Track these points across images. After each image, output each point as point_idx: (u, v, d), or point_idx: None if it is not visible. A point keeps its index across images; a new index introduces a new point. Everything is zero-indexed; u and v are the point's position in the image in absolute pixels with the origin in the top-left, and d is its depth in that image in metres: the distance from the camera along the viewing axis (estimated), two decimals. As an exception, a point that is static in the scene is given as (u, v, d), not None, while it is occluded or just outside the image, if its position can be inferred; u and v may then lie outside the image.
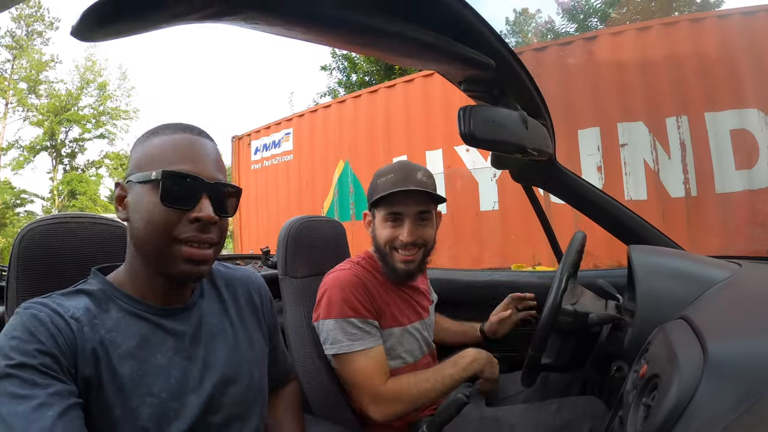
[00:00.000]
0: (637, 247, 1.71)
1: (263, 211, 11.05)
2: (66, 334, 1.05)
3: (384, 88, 8.76)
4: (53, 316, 1.06)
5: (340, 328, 1.84)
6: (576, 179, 2.16)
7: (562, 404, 1.89)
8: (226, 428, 1.26)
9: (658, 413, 0.87)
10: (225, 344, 1.32)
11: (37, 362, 0.98)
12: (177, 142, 1.22)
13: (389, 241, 1.96)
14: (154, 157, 1.19)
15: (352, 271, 1.95)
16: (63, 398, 0.97)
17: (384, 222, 1.97)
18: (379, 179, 1.97)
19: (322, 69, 21.68)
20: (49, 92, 33.81)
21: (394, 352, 1.97)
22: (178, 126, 1.25)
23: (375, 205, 1.97)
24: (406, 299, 2.08)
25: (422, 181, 1.91)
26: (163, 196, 1.14)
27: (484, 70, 1.38)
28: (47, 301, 1.11)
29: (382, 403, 1.82)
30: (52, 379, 0.98)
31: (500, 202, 7.07)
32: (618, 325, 1.69)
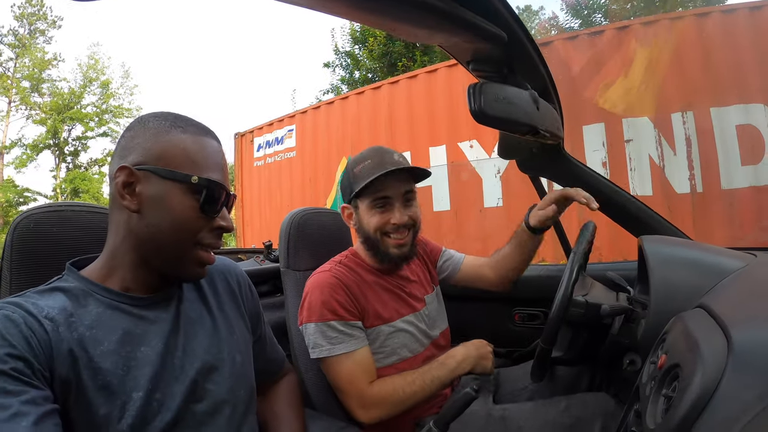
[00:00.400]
0: (649, 238, 1.68)
1: (266, 208, 11.05)
2: (40, 335, 1.01)
3: (387, 85, 8.75)
4: (27, 317, 1.02)
5: (320, 332, 1.82)
6: (585, 169, 2.14)
7: (570, 402, 1.85)
8: (211, 417, 1.23)
9: (681, 403, 0.84)
10: (204, 331, 1.30)
11: (9, 367, 0.94)
12: (207, 146, 1.23)
13: (380, 227, 1.93)
14: (189, 157, 1.19)
15: (332, 272, 1.92)
16: (38, 405, 0.94)
17: (371, 209, 1.94)
18: (355, 168, 1.93)
19: (325, 66, 21.72)
20: (51, 90, 34.17)
21: (387, 350, 1.94)
22: (201, 127, 1.26)
23: (358, 195, 1.93)
24: (394, 293, 2.04)
25: (400, 161, 1.89)
26: (204, 204, 1.18)
27: (495, 43, 1.35)
28: (21, 301, 1.07)
29: (367, 407, 1.80)
30: (25, 385, 0.95)
31: (504, 199, 7.03)
32: (630, 317, 1.66)
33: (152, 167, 1.14)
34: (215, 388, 1.25)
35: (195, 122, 1.25)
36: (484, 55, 1.47)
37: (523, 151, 2.18)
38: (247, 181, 11.72)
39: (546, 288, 2.34)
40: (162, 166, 1.15)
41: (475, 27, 1.26)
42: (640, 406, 1.11)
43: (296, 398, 1.65)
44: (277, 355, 1.69)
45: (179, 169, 1.15)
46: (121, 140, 1.21)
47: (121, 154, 1.18)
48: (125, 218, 1.18)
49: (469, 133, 7.35)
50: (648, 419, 0.98)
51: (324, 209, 2.40)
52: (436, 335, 2.12)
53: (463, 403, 1.37)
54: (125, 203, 1.15)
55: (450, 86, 7.70)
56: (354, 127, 9.14)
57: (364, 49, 19.59)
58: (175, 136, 1.18)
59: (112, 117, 35.32)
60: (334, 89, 21.64)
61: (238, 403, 1.31)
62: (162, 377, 1.15)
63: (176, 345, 1.22)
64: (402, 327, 1.97)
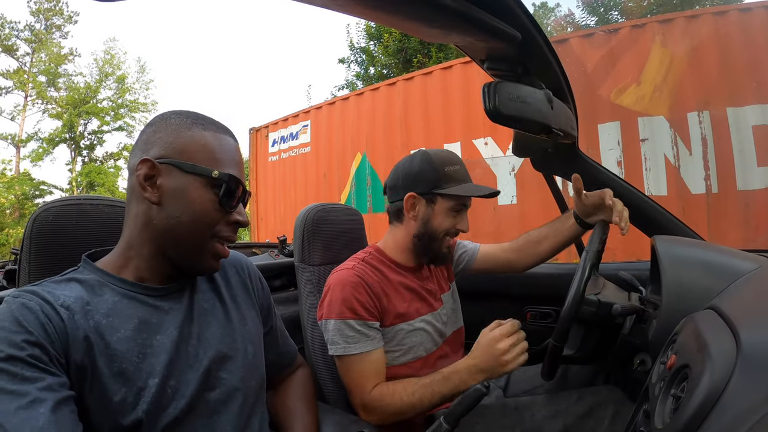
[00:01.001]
0: (662, 238, 1.68)
1: (280, 203, 11.07)
2: (56, 322, 1.04)
3: (402, 81, 8.71)
4: (43, 305, 1.05)
5: (338, 329, 1.83)
6: (599, 168, 2.14)
7: (582, 393, 1.86)
8: (224, 405, 1.26)
9: (689, 404, 0.84)
10: (217, 321, 1.34)
11: (26, 354, 0.96)
12: (226, 144, 1.28)
13: (448, 229, 1.97)
14: (210, 153, 1.23)
15: (355, 270, 1.92)
16: (54, 392, 0.96)
17: (449, 211, 1.96)
18: (446, 167, 1.95)
19: (340, 62, 21.68)
20: (68, 85, 34.36)
21: (404, 348, 1.96)
22: (220, 125, 1.30)
23: (442, 194, 1.94)
24: (416, 292, 2.05)
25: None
26: (222, 198, 1.23)
27: (509, 43, 1.36)
28: (38, 289, 1.10)
29: (369, 410, 1.81)
30: (42, 371, 0.97)
31: (519, 197, 7.00)
32: (642, 317, 1.66)
33: (174, 161, 1.18)
34: (228, 376, 1.28)
35: (214, 121, 1.29)
36: (499, 54, 1.49)
37: (537, 149, 2.18)
38: (261, 176, 11.75)
39: (557, 286, 2.33)
40: (184, 160, 1.18)
41: (489, 27, 1.27)
42: (649, 405, 1.11)
43: (309, 392, 1.66)
44: (289, 348, 1.71)
45: (200, 163, 1.19)
46: (142, 135, 1.25)
47: (143, 147, 1.21)
48: (144, 209, 1.20)
49: (484, 131, 7.31)
50: (656, 419, 0.98)
51: (339, 205, 2.42)
52: (449, 333, 2.13)
53: (473, 399, 1.37)
54: (146, 195, 1.18)
55: (465, 83, 7.66)
56: (369, 123, 9.12)
57: (379, 45, 19.55)
58: (197, 132, 1.22)
59: (128, 111, 35.50)
60: (349, 85, 21.60)
61: (249, 392, 1.33)
62: (177, 365, 1.18)
63: (190, 334, 1.25)
64: (420, 326, 1.99)
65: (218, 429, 1.23)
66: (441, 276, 2.24)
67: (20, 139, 32.82)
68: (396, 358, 1.95)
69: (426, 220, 1.98)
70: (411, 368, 1.95)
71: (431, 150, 2.02)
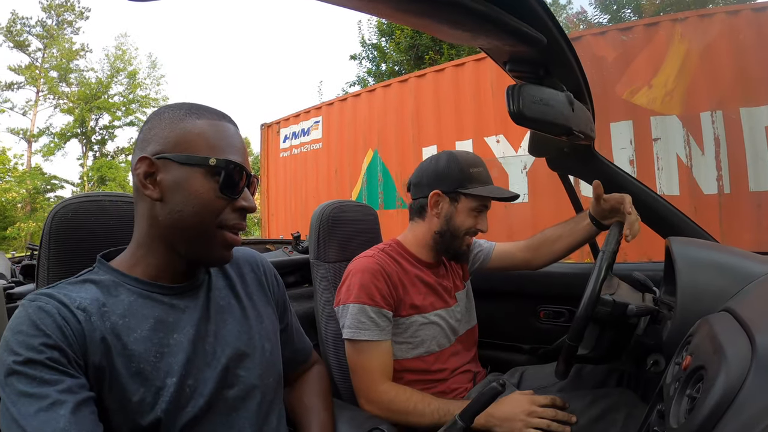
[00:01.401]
0: (676, 239, 1.68)
1: (291, 199, 11.07)
2: (73, 325, 1.05)
3: (414, 78, 8.69)
4: (60, 308, 1.06)
5: (352, 313, 1.87)
6: (614, 169, 2.14)
7: (596, 395, 1.87)
8: (243, 402, 1.27)
9: (704, 405, 0.85)
10: (234, 319, 1.34)
11: (44, 357, 0.98)
12: (223, 130, 1.24)
13: (469, 228, 2.02)
14: (206, 142, 1.20)
15: (375, 258, 1.97)
16: (74, 394, 0.98)
17: (471, 211, 2.01)
18: (471, 168, 2.01)
19: (352, 58, 21.60)
20: (79, 80, 34.63)
21: (417, 340, 1.98)
22: (216, 112, 1.28)
23: (466, 194, 2.00)
24: (432, 287, 2.08)
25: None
26: (222, 185, 1.19)
27: (534, 46, 1.36)
28: (53, 292, 1.11)
29: (372, 403, 1.84)
30: (61, 374, 0.99)
31: (530, 195, 6.99)
32: (656, 318, 1.66)
33: (170, 155, 1.17)
34: (246, 374, 1.29)
35: (210, 108, 1.28)
36: (522, 57, 1.49)
37: (553, 149, 2.19)
38: (272, 171, 11.75)
39: (571, 286, 2.34)
40: (179, 153, 1.17)
41: (516, 31, 1.27)
42: (663, 406, 1.11)
43: (324, 388, 1.67)
44: (304, 345, 1.71)
45: (197, 153, 1.18)
46: (140, 134, 1.25)
47: (141, 146, 1.21)
48: (149, 207, 1.20)
49: (496, 128, 7.29)
50: (671, 419, 0.98)
51: (354, 202, 2.44)
52: (462, 332, 2.15)
53: (489, 397, 1.37)
54: (147, 193, 1.18)
55: (477, 80, 7.64)
56: (380, 119, 9.11)
57: (390, 42, 19.47)
58: (191, 122, 1.21)
59: (139, 107, 35.68)
60: (361, 81, 21.52)
61: (267, 390, 1.34)
62: (194, 363, 1.19)
63: (207, 332, 1.26)
64: (434, 320, 2.01)
65: (237, 426, 1.24)
66: (456, 274, 2.26)
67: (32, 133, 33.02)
68: (408, 350, 1.98)
69: (449, 218, 2.02)
70: (425, 362, 1.98)
71: (457, 151, 2.08)
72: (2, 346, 1.00)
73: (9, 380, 0.95)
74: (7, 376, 0.96)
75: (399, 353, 1.97)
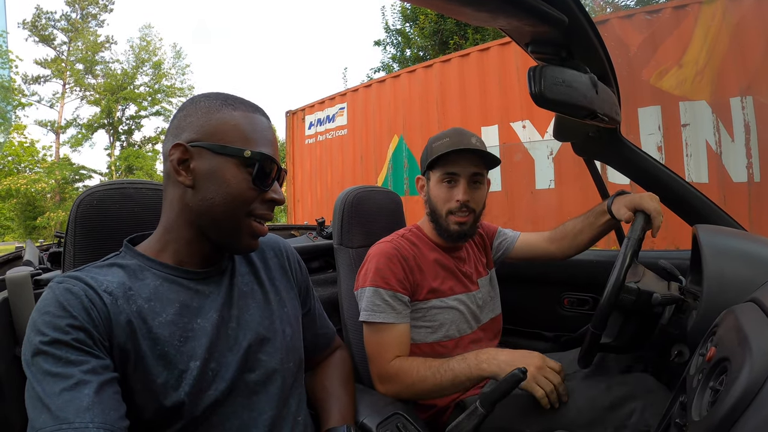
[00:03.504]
0: (704, 227, 1.65)
1: (317, 185, 11.14)
2: (99, 307, 1.06)
3: (439, 63, 8.68)
4: (87, 290, 1.07)
5: (368, 297, 1.88)
6: (641, 154, 2.10)
7: (611, 383, 1.84)
8: (264, 386, 1.28)
9: (727, 397, 0.83)
10: (256, 304, 1.35)
11: (70, 338, 0.99)
12: (258, 123, 1.27)
13: (445, 202, 2.00)
14: (240, 133, 1.22)
15: (393, 243, 1.98)
16: (98, 374, 0.99)
17: (439, 183, 2.00)
18: (434, 143, 2.01)
19: (376, 44, 21.64)
20: (105, 72, 35.30)
21: (435, 324, 1.98)
22: (250, 104, 1.29)
23: (430, 168, 2.01)
24: (451, 271, 2.07)
25: (476, 145, 1.94)
26: (255, 176, 1.21)
27: (556, 27, 1.35)
28: (81, 274, 1.12)
29: (384, 380, 1.84)
30: (86, 354, 1.00)
31: (556, 181, 6.93)
32: (681, 307, 1.64)
33: (206, 143, 1.18)
34: (267, 358, 1.30)
35: (244, 100, 1.29)
36: (544, 38, 1.47)
37: (579, 134, 2.16)
38: (298, 158, 11.83)
39: (596, 273, 2.32)
40: (215, 142, 1.19)
41: (537, 10, 1.26)
42: (686, 397, 1.09)
43: (346, 373, 1.67)
44: (327, 330, 1.72)
45: (232, 144, 1.19)
46: (173, 120, 1.26)
47: (175, 132, 1.23)
48: (180, 194, 1.22)
49: (522, 113, 7.27)
50: (693, 412, 0.97)
51: (377, 187, 2.43)
52: (485, 320, 2.14)
53: (510, 385, 1.37)
54: (180, 179, 1.19)
55: (503, 65, 7.61)
56: (405, 105, 9.12)
57: (414, 27, 19.47)
58: (227, 113, 1.22)
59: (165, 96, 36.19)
60: (385, 67, 21.57)
61: (287, 374, 1.35)
62: (217, 347, 1.20)
63: (230, 317, 1.27)
64: (453, 305, 2.00)
65: (257, 409, 1.25)
66: (479, 261, 2.25)
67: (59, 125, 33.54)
68: (427, 335, 1.98)
69: (428, 198, 2.07)
70: (445, 348, 1.97)
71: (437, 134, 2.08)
72: (30, 326, 1.02)
73: (35, 360, 0.97)
74: (33, 355, 0.97)
75: (418, 337, 1.97)
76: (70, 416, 0.91)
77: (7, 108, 6.96)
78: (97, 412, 0.93)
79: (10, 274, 1.56)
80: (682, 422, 1.04)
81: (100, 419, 0.93)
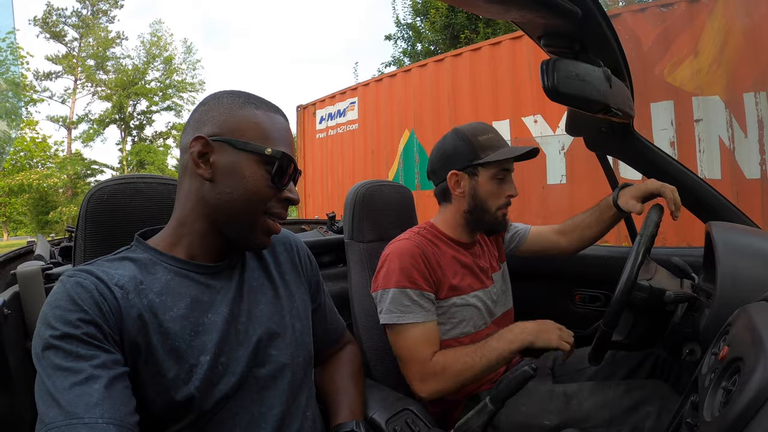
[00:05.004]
0: (717, 224, 1.64)
1: (328, 179, 11.15)
2: (110, 301, 1.06)
3: (450, 57, 8.64)
4: (98, 284, 1.08)
5: (394, 298, 1.85)
6: (654, 150, 2.09)
7: (630, 386, 1.85)
8: (273, 381, 1.28)
9: (740, 398, 0.82)
10: (266, 299, 1.36)
11: (81, 332, 0.99)
12: (278, 123, 1.29)
13: (497, 197, 2.01)
14: (262, 132, 1.24)
15: (413, 241, 1.95)
16: (108, 369, 0.99)
17: (493, 179, 1.99)
18: (479, 136, 1.99)
19: (387, 39, 21.66)
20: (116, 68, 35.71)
21: (454, 321, 1.97)
22: (271, 105, 1.32)
23: (482, 164, 1.98)
24: (469, 268, 2.06)
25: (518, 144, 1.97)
26: (275, 174, 1.23)
27: (569, 19, 1.34)
28: (92, 268, 1.13)
29: (426, 379, 1.82)
30: (97, 349, 1.00)
31: (568, 176, 6.90)
32: (694, 306, 1.63)
33: (228, 138, 1.20)
34: (277, 353, 1.30)
35: (266, 101, 1.31)
36: (557, 31, 1.48)
37: (591, 128, 2.14)
38: (309, 152, 11.84)
39: (608, 269, 2.32)
40: (237, 138, 1.20)
41: (550, 3, 1.25)
42: (697, 397, 1.08)
43: (356, 369, 1.68)
44: (337, 325, 1.72)
45: (252, 141, 1.21)
46: (194, 114, 1.27)
47: (196, 126, 1.24)
48: (197, 186, 1.22)
49: (533, 108, 7.22)
50: (705, 412, 0.96)
51: (389, 182, 2.44)
52: (499, 314, 2.14)
53: (520, 381, 1.36)
54: (199, 171, 1.20)
55: (514, 59, 7.57)
56: (416, 100, 9.10)
57: (425, 21, 19.45)
58: (249, 111, 1.24)
59: (176, 91, 36.46)
60: (396, 62, 21.55)
61: (297, 368, 1.35)
62: (227, 342, 1.21)
63: (240, 312, 1.27)
64: (472, 302, 2.00)
65: (267, 404, 1.26)
66: (492, 255, 2.24)
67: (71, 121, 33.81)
68: (446, 332, 1.96)
69: (473, 194, 2.01)
70: (460, 343, 1.95)
71: (462, 126, 2.05)
72: (40, 320, 1.02)
73: (46, 354, 0.97)
74: (44, 349, 0.97)
75: None
76: (80, 411, 0.91)
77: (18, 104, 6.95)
78: (107, 407, 0.93)
79: (21, 268, 1.58)
80: (693, 422, 1.04)
81: (110, 414, 0.93)
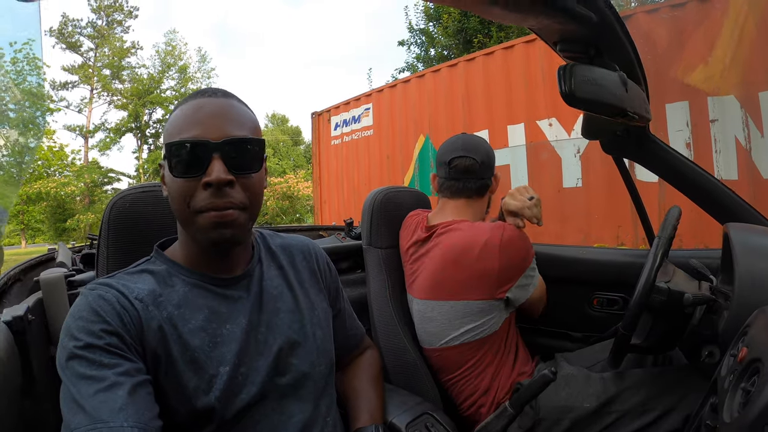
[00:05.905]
0: (735, 226, 1.63)
1: (344, 186, 11.18)
2: (131, 313, 1.09)
3: (464, 62, 8.66)
4: (119, 297, 1.10)
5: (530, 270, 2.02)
6: (671, 152, 2.08)
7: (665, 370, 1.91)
8: (294, 390, 1.28)
9: (759, 398, 0.83)
10: (286, 307, 1.35)
11: (104, 342, 1.01)
12: (185, 110, 1.19)
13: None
14: (167, 131, 1.20)
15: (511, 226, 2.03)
16: (131, 376, 1.01)
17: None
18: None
19: (400, 44, 21.59)
20: (131, 77, 36.08)
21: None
22: (195, 93, 1.24)
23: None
24: None
25: None
26: (171, 169, 1.14)
27: (584, 25, 1.35)
28: (112, 281, 1.15)
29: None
30: (119, 357, 1.02)
31: (584, 179, 6.86)
32: (712, 308, 1.62)
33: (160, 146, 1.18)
34: (298, 362, 1.30)
35: (195, 92, 1.24)
36: (573, 36, 1.48)
37: (607, 131, 2.15)
38: (324, 159, 11.88)
39: (625, 273, 2.31)
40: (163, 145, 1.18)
41: (566, 10, 1.26)
42: (716, 399, 1.09)
43: (376, 373, 1.68)
44: (356, 330, 1.72)
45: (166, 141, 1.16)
46: None
47: None
48: None
49: (547, 111, 7.21)
50: (724, 413, 0.96)
51: (405, 188, 2.46)
52: None
53: (539, 386, 1.38)
54: (164, 193, 1.22)
55: (528, 63, 7.57)
56: (431, 105, 9.12)
57: (438, 26, 19.41)
58: (175, 112, 1.21)
59: (191, 100, 36.64)
60: (410, 67, 21.51)
61: (318, 377, 1.35)
62: (247, 352, 1.21)
63: (260, 322, 1.27)
64: None
65: (288, 412, 1.26)
66: None
67: (88, 130, 34.10)
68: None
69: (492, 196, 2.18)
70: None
71: None
72: (64, 331, 1.04)
73: (70, 364, 0.99)
74: (68, 360, 0.99)
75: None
76: (104, 416, 0.92)
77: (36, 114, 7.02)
78: (131, 412, 0.95)
79: (45, 275, 1.60)
80: (713, 424, 1.04)
81: (134, 419, 0.95)
